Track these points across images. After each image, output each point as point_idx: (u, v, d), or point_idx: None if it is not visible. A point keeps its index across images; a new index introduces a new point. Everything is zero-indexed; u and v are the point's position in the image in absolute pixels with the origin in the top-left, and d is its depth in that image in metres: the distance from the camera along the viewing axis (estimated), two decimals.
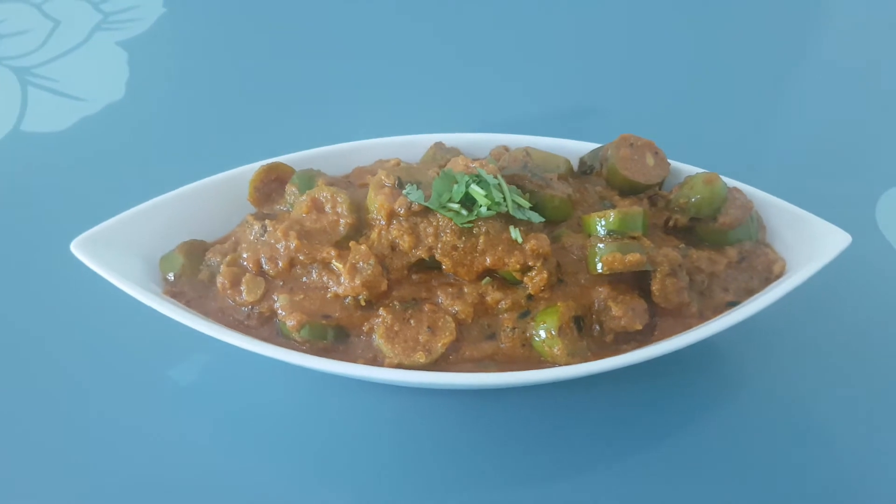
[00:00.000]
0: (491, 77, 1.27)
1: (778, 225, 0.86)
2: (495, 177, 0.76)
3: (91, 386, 0.85)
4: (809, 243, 0.83)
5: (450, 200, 0.76)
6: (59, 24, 1.37)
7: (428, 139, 0.93)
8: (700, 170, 0.87)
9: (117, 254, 0.82)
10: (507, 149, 0.92)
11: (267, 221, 0.80)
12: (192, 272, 0.82)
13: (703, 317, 0.79)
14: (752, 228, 0.83)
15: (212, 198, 0.87)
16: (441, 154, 0.90)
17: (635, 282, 0.78)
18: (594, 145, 0.91)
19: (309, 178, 0.84)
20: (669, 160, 0.88)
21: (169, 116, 1.21)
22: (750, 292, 0.81)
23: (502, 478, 0.77)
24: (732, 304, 0.80)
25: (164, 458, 0.79)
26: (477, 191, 0.74)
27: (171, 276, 0.82)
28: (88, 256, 0.80)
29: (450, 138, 0.93)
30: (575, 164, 0.91)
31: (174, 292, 0.81)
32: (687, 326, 0.79)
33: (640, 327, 0.76)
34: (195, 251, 0.84)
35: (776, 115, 1.20)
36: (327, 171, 0.90)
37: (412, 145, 0.93)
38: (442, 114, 1.20)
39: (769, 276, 0.82)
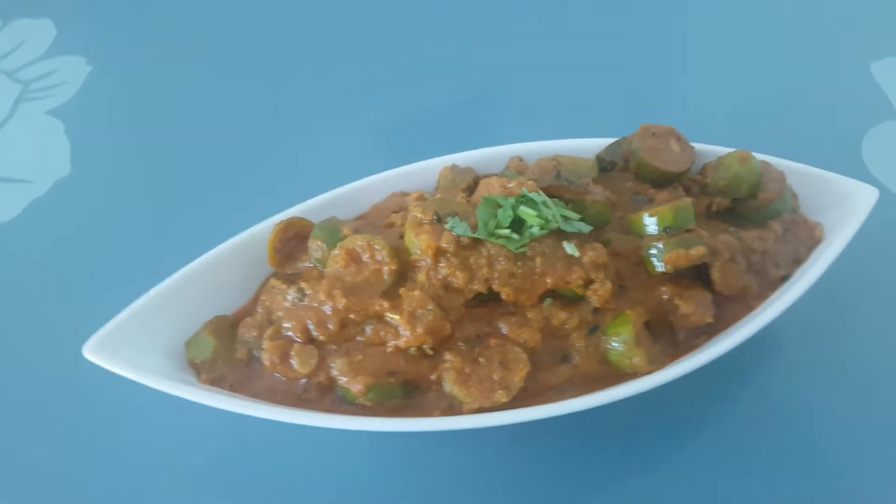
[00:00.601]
0: (477, 90, 1.22)
1: (806, 190, 0.85)
2: (539, 193, 0.73)
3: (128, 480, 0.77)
4: (840, 203, 0.83)
5: (497, 227, 0.71)
6: None
7: (438, 163, 0.88)
8: (724, 149, 0.85)
9: (135, 349, 0.74)
10: (521, 159, 0.88)
11: (303, 284, 0.74)
12: (228, 352, 0.75)
13: (762, 296, 0.78)
14: (789, 199, 0.82)
15: (225, 268, 0.80)
16: (459, 177, 0.85)
17: (694, 274, 0.76)
18: (609, 140, 0.89)
19: (332, 229, 0.78)
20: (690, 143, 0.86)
21: (125, 184, 1.10)
22: (797, 262, 0.80)
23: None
24: (786, 278, 0.79)
25: None
26: (528, 212, 0.70)
27: (202, 361, 0.75)
28: (106, 359, 0.72)
29: (461, 158, 0.89)
30: None
31: (213, 378, 0.74)
32: (750, 309, 0.77)
33: (711, 320, 0.74)
34: (223, 329, 0.76)
35: (750, 79, 1.20)
36: (341, 216, 0.84)
37: (422, 172, 0.88)
38: (436, 135, 1.14)
39: (812, 242, 0.82)
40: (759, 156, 0.85)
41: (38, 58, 1.31)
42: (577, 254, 0.71)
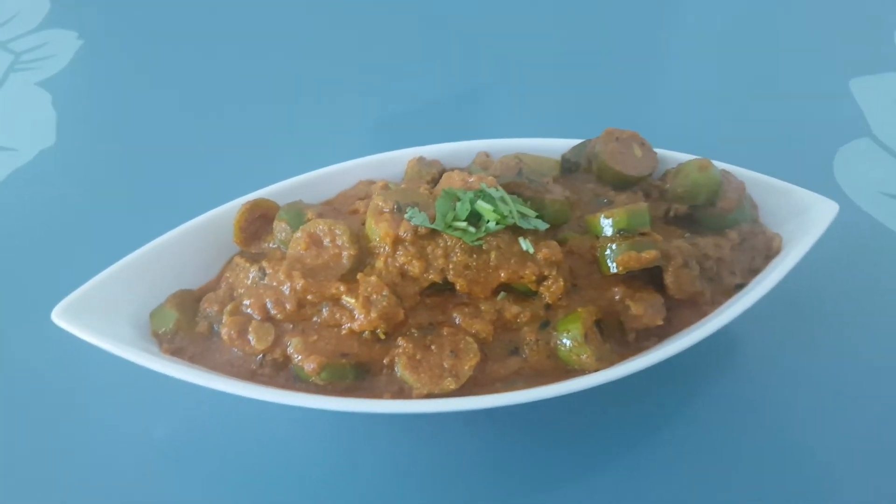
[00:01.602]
0: (450, 83, 1.24)
1: (766, 201, 0.87)
2: (497, 189, 0.74)
3: (90, 452, 0.79)
4: (800, 215, 0.85)
5: (455, 219, 0.73)
6: None
7: (406, 154, 0.90)
8: (686, 156, 0.87)
9: (102, 316, 0.76)
10: (487, 155, 0.90)
11: (264, 263, 0.76)
12: (189, 325, 0.77)
13: (715, 302, 0.80)
14: (748, 209, 0.84)
15: (192, 244, 0.82)
16: (425, 169, 0.87)
17: (647, 276, 0.78)
18: (575, 141, 0.90)
19: (297, 212, 0.80)
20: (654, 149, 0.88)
21: (106, 158, 1.12)
22: (754, 272, 0.82)
23: (541, 487, 0.76)
24: (740, 286, 0.81)
25: None
26: (484, 206, 0.72)
27: (164, 332, 0.77)
28: (73, 324, 0.73)
29: (429, 151, 0.90)
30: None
31: (174, 349, 0.75)
32: (702, 314, 0.79)
33: (661, 322, 0.75)
34: (187, 302, 0.78)
35: (728, 87, 1.22)
36: (308, 200, 0.86)
37: (391, 162, 0.90)
38: (408, 126, 1.16)
39: (769, 253, 0.84)
40: (721, 165, 0.87)
41: (31, 30, 1.32)
42: (531, 250, 0.73)
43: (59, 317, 0.73)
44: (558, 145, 0.91)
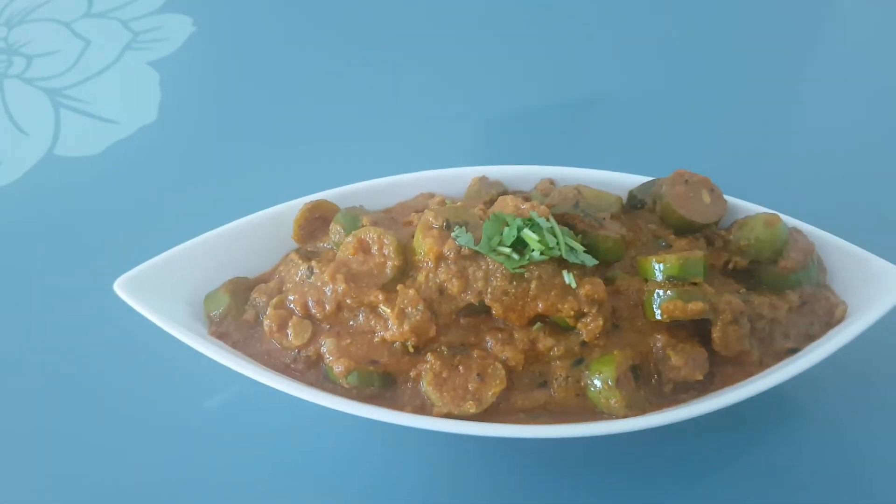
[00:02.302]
0: (531, 105, 1.24)
1: (838, 265, 0.82)
2: (547, 219, 0.74)
3: (126, 420, 0.84)
4: (871, 285, 0.80)
5: (500, 244, 0.73)
6: (90, 43, 1.36)
7: (470, 172, 0.90)
8: (758, 208, 0.84)
9: (161, 292, 0.80)
10: (552, 182, 0.90)
11: (313, 263, 0.78)
12: (238, 312, 0.80)
13: (763, 364, 0.76)
14: (813, 271, 0.80)
15: (256, 235, 0.86)
16: (485, 189, 0.88)
17: (694, 328, 0.75)
18: (644, 178, 0.88)
19: (354, 217, 0.82)
20: (725, 196, 0.85)
21: (201, 141, 1.19)
22: (810, 338, 0.78)
23: None
24: (793, 351, 0.77)
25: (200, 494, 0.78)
26: (530, 235, 0.72)
27: (215, 315, 0.81)
28: (132, 296, 0.78)
29: (493, 171, 0.90)
30: (624, 198, 0.88)
31: (220, 333, 0.79)
32: (747, 374, 0.76)
33: (700, 377, 0.73)
34: (240, 290, 0.82)
35: (833, 149, 1.15)
36: (369, 207, 0.88)
37: (454, 179, 0.90)
38: (480, 145, 1.16)
39: (830, 320, 0.79)
40: (794, 222, 0.83)
41: (150, 12, 1.42)
42: (573, 284, 0.72)
43: (120, 287, 0.78)
44: (627, 181, 0.89)
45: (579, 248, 0.74)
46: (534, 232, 0.72)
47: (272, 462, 0.80)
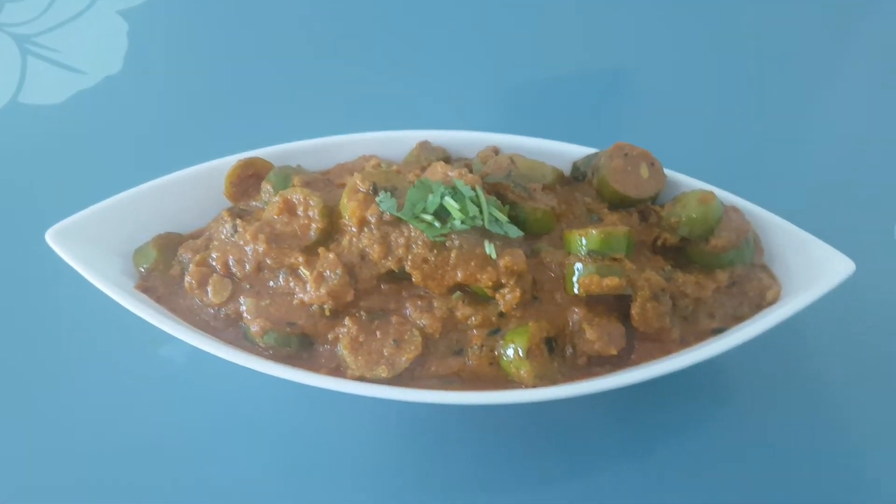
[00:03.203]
0: (485, 71, 1.21)
1: (780, 247, 0.81)
2: (473, 188, 0.73)
3: (57, 374, 0.86)
4: (811, 269, 0.78)
5: (423, 211, 0.72)
6: None
7: (414, 136, 0.89)
8: (699, 183, 0.82)
9: (93, 244, 0.81)
10: (496, 150, 0.88)
11: (238, 221, 0.78)
12: (165, 267, 0.80)
13: (684, 342, 0.76)
14: (747, 252, 0.78)
15: (190, 189, 0.85)
16: (425, 154, 0.86)
17: (615, 303, 0.74)
18: (590, 150, 0.87)
19: (285, 177, 0.81)
20: (668, 170, 0.83)
21: (163, 95, 1.18)
22: (738, 319, 0.77)
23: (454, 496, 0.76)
24: (718, 331, 0.76)
25: (124, 448, 0.80)
26: (451, 203, 0.71)
27: (142, 269, 0.81)
28: (62, 247, 0.79)
29: (437, 136, 0.89)
30: (568, 169, 0.87)
31: (146, 287, 0.80)
32: (666, 352, 0.75)
33: (615, 352, 0.73)
34: (169, 245, 0.82)
35: (793, 129, 1.12)
36: (308, 167, 0.87)
37: (397, 142, 0.89)
38: (430, 108, 1.14)
39: (761, 302, 0.78)
40: (735, 200, 0.81)
41: None
42: (494, 255, 0.72)
43: (51, 238, 0.79)
44: (573, 151, 0.87)
45: (503, 218, 0.73)
46: (456, 200, 0.72)
47: (188, 416, 0.81)
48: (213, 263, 0.77)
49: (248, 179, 0.84)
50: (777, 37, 1.25)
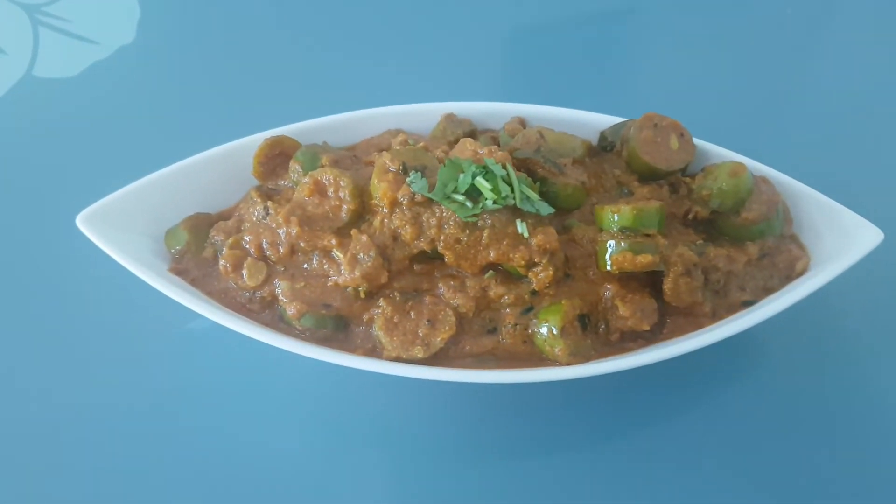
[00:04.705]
0: (508, 40, 1.18)
1: (809, 216, 0.81)
2: (504, 167, 0.72)
3: (90, 357, 0.87)
4: (839, 238, 0.78)
5: (455, 191, 0.72)
6: None
7: (439, 108, 0.88)
8: (731, 154, 0.81)
9: (124, 226, 0.81)
10: (522, 121, 0.87)
11: (269, 203, 0.78)
12: (197, 249, 0.81)
13: (716, 316, 0.76)
14: (777, 223, 0.78)
15: (218, 169, 0.85)
16: (451, 128, 0.86)
17: (647, 278, 0.75)
18: (617, 119, 0.86)
19: (313, 156, 0.81)
20: (697, 140, 0.82)
21: (180, 65, 1.16)
22: (768, 291, 0.78)
23: (489, 473, 0.78)
24: (748, 304, 0.77)
25: (161, 431, 0.81)
26: (483, 184, 0.71)
27: (175, 251, 0.82)
28: (94, 232, 0.79)
29: (462, 108, 0.88)
30: (595, 139, 0.86)
31: (179, 269, 0.80)
32: (699, 326, 0.76)
33: (647, 328, 0.73)
34: (200, 226, 0.82)
35: (821, 94, 1.10)
36: (333, 143, 0.87)
37: (422, 115, 0.88)
38: (455, 78, 1.12)
39: (791, 273, 0.78)
40: (765, 170, 0.81)
41: None
42: (526, 234, 0.72)
43: (82, 222, 0.79)
44: (600, 121, 0.86)
45: (535, 196, 0.73)
46: (487, 180, 0.71)
47: (228, 396, 0.83)
48: (247, 246, 0.77)
49: (275, 158, 0.84)
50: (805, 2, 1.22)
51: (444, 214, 0.72)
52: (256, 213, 0.79)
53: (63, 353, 0.87)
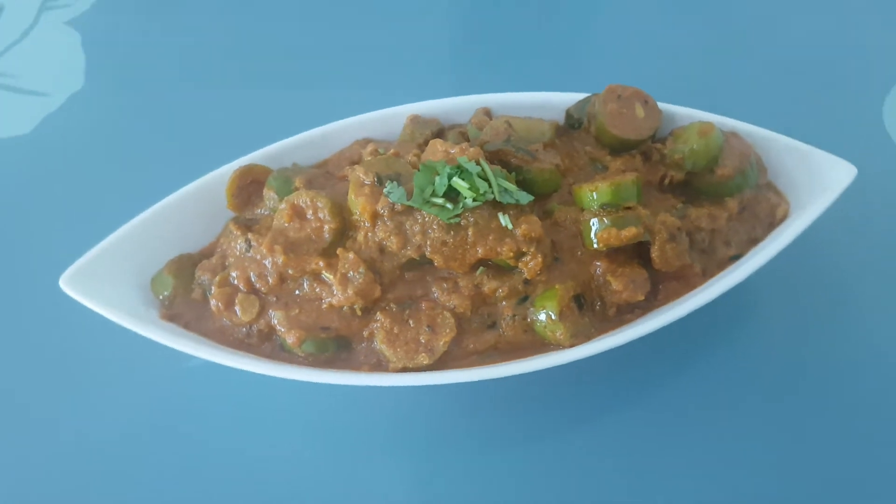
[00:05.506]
0: (456, 29, 1.18)
1: (781, 162, 0.82)
2: (477, 162, 0.73)
3: (93, 404, 0.86)
4: (814, 179, 0.80)
5: (433, 195, 0.72)
6: (3, 9, 1.29)
7: (402, 111, 0.88)
8: (697, 113, 0.82)
9: (107, 282, 0.80)
10: (488, 111, 0.87)
11: (251, 235, 0.78)
12: (185, 291, 0.80)
13: (707, 275, 0.78)
14: (752, 174, 0.79)
15: (192, 207, 0.84)
16: (419, 130, 0.86)
17: (634, 249, 0.76)
18: (581, 95, 0.86)
19: (286, 180, 0.81)
20: (661, 104, 0.83)
21: (134, 105, 1.14)
22: (753, 242, 0.79)
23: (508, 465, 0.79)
24: (736, 258, 0.78)
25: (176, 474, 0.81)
26: (460, 184, 0.71)
27: (163, 297, 0.81)
28: (79, 292, 0.78)
29: (426, 107, 0.88)
30: (561, 118, 0.86)
31: (171, 315, 0.80)
32: (691, 287, 0.77)
33: (642, 298, 0.74)
34: (184, 267, 0.82)
35: (776, 40, 1.11)
36: (303, 162, 0.86)
37: (386, 120, 0.88)
38: (413, 79, 1.12)
39: (772, 221, 0.80)
40: (731, 123, 0.82)
41: None
42: (510, 226, 0.72)
43: (66, 284, 0.78)
44: (564, 100, 0.87)
45: (512, 187, 0.73)
46: (464, 179, 0.71)
47: (239, 431, 0.83)
48: (235, 282, 0.77)
49: (248, 187, 0.83)
50: None
51: (427, 219, 0.72)
52: (239, 247, 0.78)
53: (68, 411, 0.86)
